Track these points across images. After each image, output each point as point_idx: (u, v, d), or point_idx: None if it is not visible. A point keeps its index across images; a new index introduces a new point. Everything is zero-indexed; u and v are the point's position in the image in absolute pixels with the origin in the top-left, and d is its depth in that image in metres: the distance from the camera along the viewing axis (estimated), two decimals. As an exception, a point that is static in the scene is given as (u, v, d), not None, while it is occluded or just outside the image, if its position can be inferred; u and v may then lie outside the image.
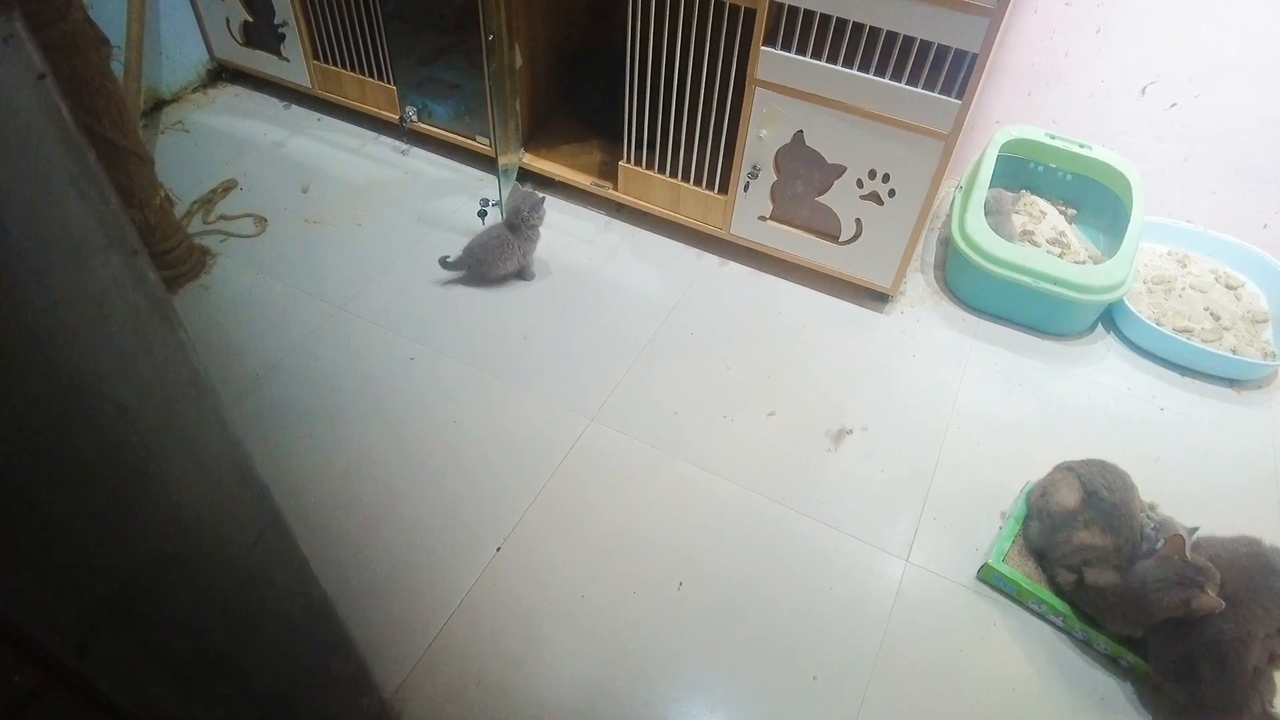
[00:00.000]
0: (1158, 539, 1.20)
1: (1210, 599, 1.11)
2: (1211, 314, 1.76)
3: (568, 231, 1.91)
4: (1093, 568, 1.21)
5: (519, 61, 1.84)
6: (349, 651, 0.98)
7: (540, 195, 1.72)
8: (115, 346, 0.50)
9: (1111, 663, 1.25)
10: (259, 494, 0.66)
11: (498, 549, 1.33)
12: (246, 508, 0.66)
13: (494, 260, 1.70)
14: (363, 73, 2.02)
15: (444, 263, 1.74)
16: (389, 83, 2.00)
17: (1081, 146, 1.89)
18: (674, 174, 1.80)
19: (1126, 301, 1.70)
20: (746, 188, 1.71)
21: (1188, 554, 1.14)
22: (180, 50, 2.14)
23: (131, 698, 0.73)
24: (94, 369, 0.50)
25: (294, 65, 2.09)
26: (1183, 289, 1.81)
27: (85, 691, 0.72)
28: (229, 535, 0.66)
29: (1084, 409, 1.63)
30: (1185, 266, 1.87)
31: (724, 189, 1.76)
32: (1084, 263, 1.82)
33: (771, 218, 1.75)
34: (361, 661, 1.02)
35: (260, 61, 2.13)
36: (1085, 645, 1.27)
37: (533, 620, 1.25)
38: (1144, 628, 1.20)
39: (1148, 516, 1.25)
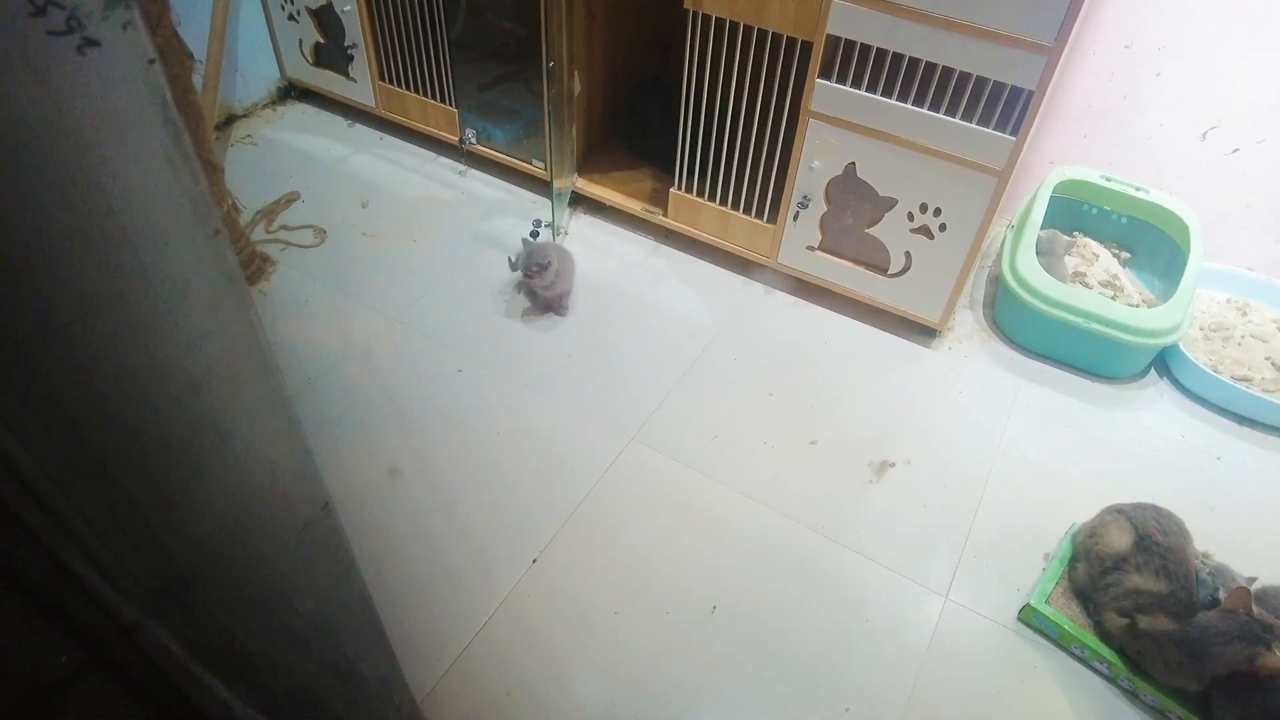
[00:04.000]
0: (1215, 586, 1.16)
1: (1277, 658, 1.07)
2: (1273, 363, 1.71)
3: (616, 254, 1.94)
4: (1146, 614, 1.17)
5: (578, 88, 1.89)
6: (383, 651, 1.00)
7: (545, 253, 1.69)
8: (193, 322, 0.52)
9: (1159, 715, 1.21)
10: (312, 477, 0.69)
11: (533, 561, 1.33)
12: (300, 490, 0.68)
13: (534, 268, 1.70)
14: (426, 95, 2.09)
15: (511, 262, 1.79)
16: (450, 105, 2.06)
17: (1138, 189, 1.87)
18: (724, 202, 1.82)
19: (1182, 347, 1.67)
20: (796, 217, 1.72)
21: (1253, 608, 1.10)
22: (255, 68, 2.24)
23: (171, 681, 0.75)
24: (173, 343, 0.52)
25: (360, 85, 2.17)
26: (1242, 337, 1.77)
27: (125, 673, 0.74)
28: (282, 517, 0.68)
29: (1134, 454, 1.59)
30: (1245, 315, 1.83)
31: (773, 218, 1.77)
32: (1137, 306, 1.79)
33: (820, 248, 1.76)
34: (395, 662, 1.03)
35: (328, 81, 2.22)
36: (1131, 695, 1.22)
37: (565, 634, 1.25)
38: (1201, 681, 1.15)
39: (1202, 563, 1.21)
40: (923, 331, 1.79)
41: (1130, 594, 1.19)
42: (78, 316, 0.46)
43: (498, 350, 1.68)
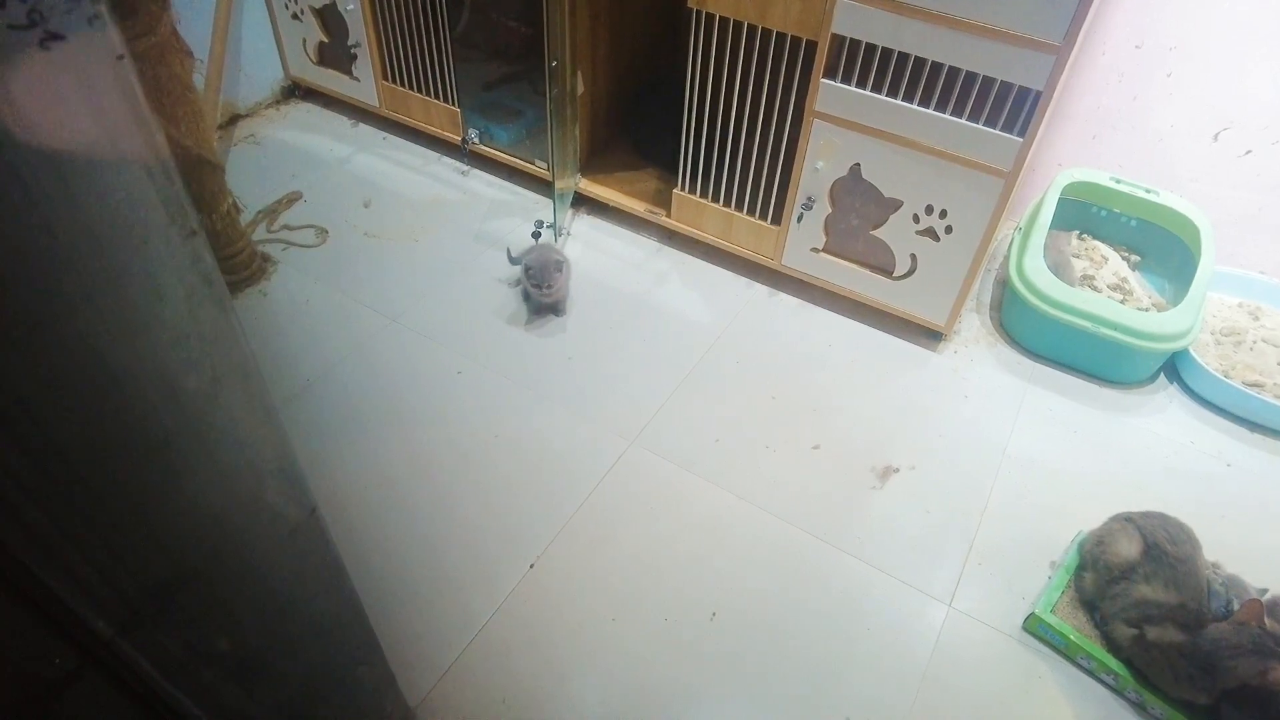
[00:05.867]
0: (1227, 597, 1.14)
1: (1288, 672, 1.04)
2: (1284, 369, 1.68)
3: (618, 256, 1.93)
4: (1154, 625, 1.15)
5: (580, 88, 1.87)
6: (377, 657, 0.98)
7: (553, 270, 1.68)
8: (169, 324, 0.51)
9: (1167, 729, 1.18)
10: (298, 484, 0.67)
11: (531, 566, 1.32)
12: (286, 496, 0.67)
13: (538, 269, 1.69)
14: (429, 94, 2.08)
15: (510, 256, 1.80)
16: (454, 105, 2.05)
17: (1148, 192, 1.84)
18: (727, 203, 1.80)
19: (1192, 352, 1.64)
20: (800, 219, 1.71)
21: (1266, 621, 1.08)
22: (258, 68, 2.24)
23: (163, 688, 0.74)
24: (149, 346, 0.51)
25: (363, 85, 2.16)
26: (1254, 342, 1.74)
27: (119, 677, 0.73)
28: (267, 523, 0.67)
29: (1143, 460, 1.56)
30: (1258, 319, 1.80)
31: (777, 219, 1.75)
32: (1147, 309, 1.76)
33: (824, 250, 1.74)
34: (388, 668, 1.01)
35: (332, 80, 2.21)
36: (1139, 708, 1.20)
37: (562, 640, 1.24)
38: (1211, 695, 1.13)
39: (1214, 573, 1.19)
40: (928, 335, 1.76)
41: (1139, 604, 1.17)
42: (47, 319, 0.45)
43: (498, 351, 1.67)
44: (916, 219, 1.59)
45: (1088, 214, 1.94)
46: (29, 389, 0.47)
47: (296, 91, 2.35)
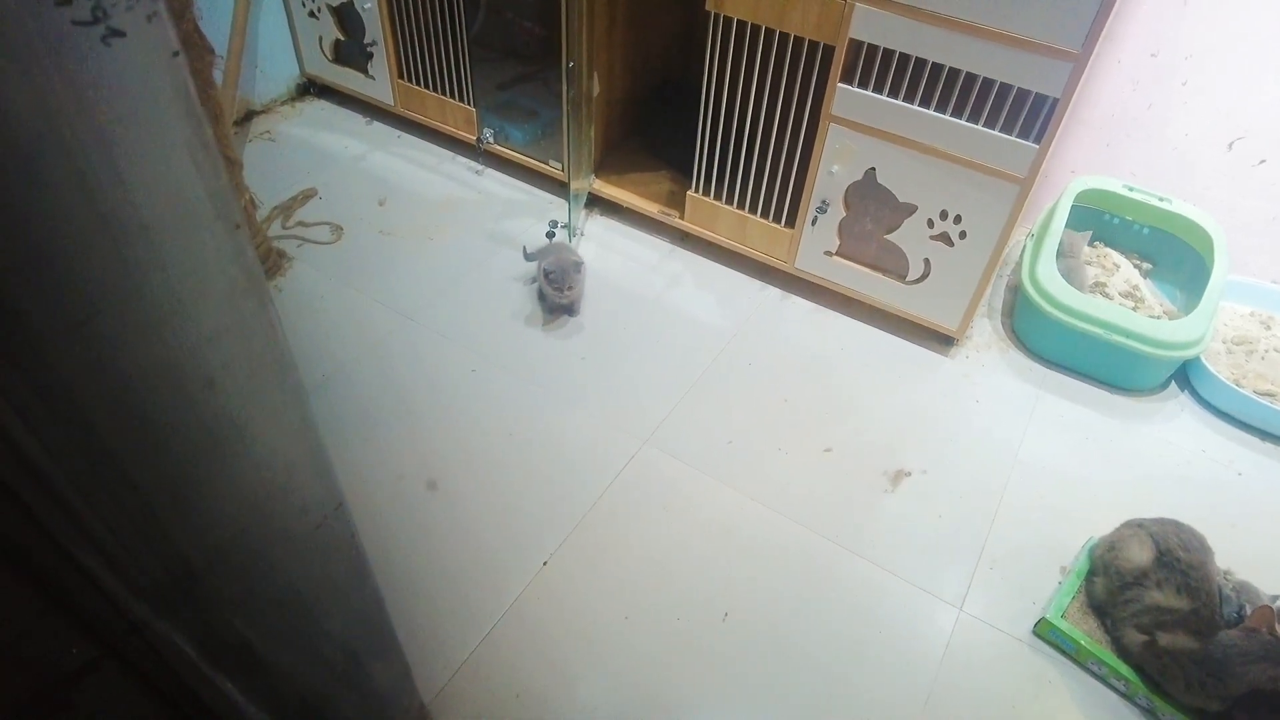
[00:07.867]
0: (1239, 602, 1.14)
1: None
2: (1296, 379, 1.69)
3: (631, 257, 1.93)
4: (1166, 631, 1.15)
5: (596, 89, 1.88)
6: (394, 651, 0.99)
7: (570, 274, 1.68)
8: (211, 317, 0.52)
9: (1177, 735, 1.19)
10: (327, 477, 0.68)
11: (544, 563, 1.33)
12: (315, 489, 0.68)
13: (559, 273, 1.70)
14: (444, 93, 2.08)
15: (526, 252, 1.82)
16: (469, 104, 2.06)
17: (1161, 200, 1.84)
18: (741, 205, 1.81)
19: (1203, 360, 1.64)
20: (814, 222, 1.71)
21: (1277, 628, 1.08)
22: (274, 65, 2.25)
23: (181, 677, 0.75)
24: (192, 338, 0.51)
25: (379, 83, 2.17)
26: (1266, 351, 1.74)
27: (136, 667, 0.73)
28: (296, 515, 0.68)
29: (1154, 468, 1.57)
30: (1269, 328, 1.80)
31: (791, 222, 1.76)
32: (1158, 317, 1.77)
33: (838, 253, 1.74)
34: (405, 663, 1.02)
35: (347, 78, 2.22)
36: (1149, 714, 1.20)
37: (575, 638, 1.24)
38: (1223, 702, 1.13)
39: (1225, 580, 1.19)
40: (940, 340, 1.77)
41: (1150, 610, 1.17)
42: (97, 310, 0.46)
43: (512, 350, 1.68)
44: (930, 224, 1.59)
45: (1100, 221, 1.94)
46: (76, 378, 0.48)
47: (312, 89, 2.36)
